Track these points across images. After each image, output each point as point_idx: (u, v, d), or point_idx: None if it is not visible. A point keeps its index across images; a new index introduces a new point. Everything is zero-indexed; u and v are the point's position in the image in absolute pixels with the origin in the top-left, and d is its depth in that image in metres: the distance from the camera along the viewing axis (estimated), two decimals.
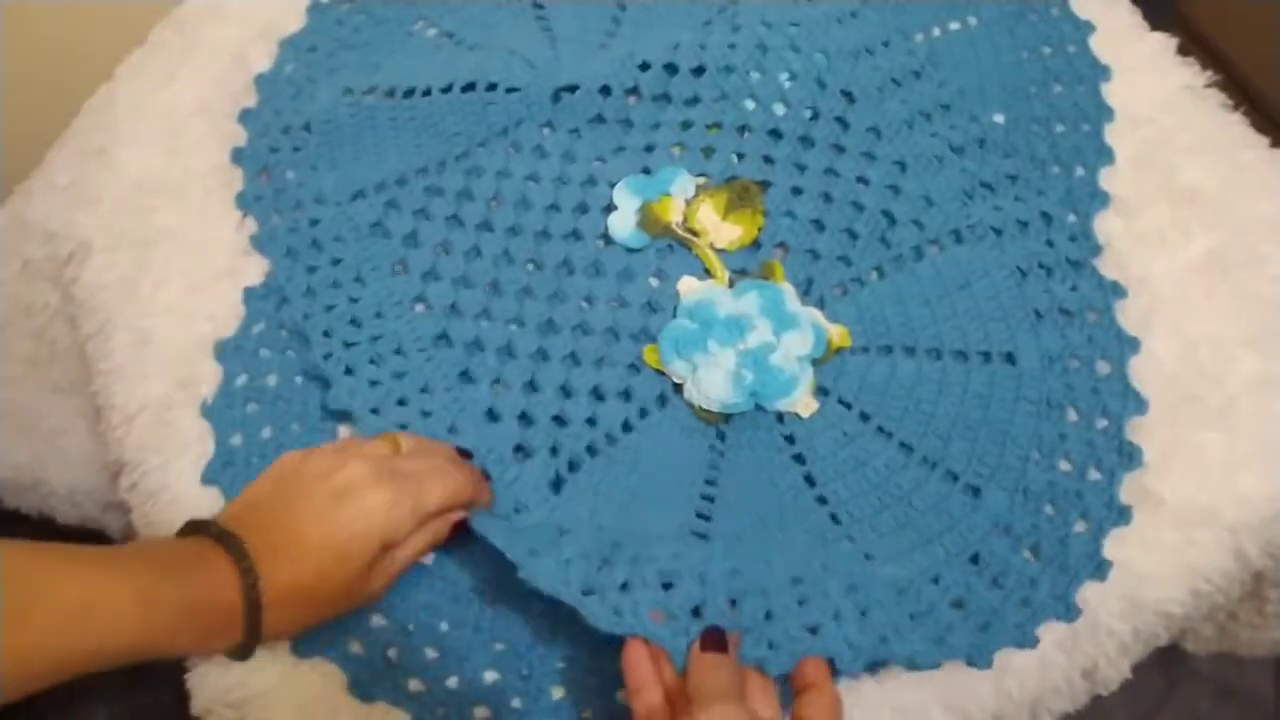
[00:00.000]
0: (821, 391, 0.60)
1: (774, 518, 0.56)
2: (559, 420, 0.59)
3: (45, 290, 0.72)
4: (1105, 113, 0.70)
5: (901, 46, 0.72)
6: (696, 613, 0.49)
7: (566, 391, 0.60)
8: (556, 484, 0.57)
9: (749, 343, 0.60)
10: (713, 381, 0.59)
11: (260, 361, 0.63)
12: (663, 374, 0.61)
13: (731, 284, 0.64)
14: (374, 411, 0.59)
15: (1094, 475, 0.56)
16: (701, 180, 0.67)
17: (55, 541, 0.41)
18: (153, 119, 0.74)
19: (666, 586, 0.49)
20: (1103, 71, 0.72)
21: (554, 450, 0.58)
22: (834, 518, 0.56)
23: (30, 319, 0.73)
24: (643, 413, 0.60)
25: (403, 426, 0.58)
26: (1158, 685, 0.97)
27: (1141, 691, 0.60)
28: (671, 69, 0.71)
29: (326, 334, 0.63)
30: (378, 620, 0.54)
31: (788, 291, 0.62)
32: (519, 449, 0.59)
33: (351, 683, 0.53)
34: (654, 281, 0.64)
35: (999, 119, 0.70)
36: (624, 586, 0.49)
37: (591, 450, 0.59)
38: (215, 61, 0.78)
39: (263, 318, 0.65)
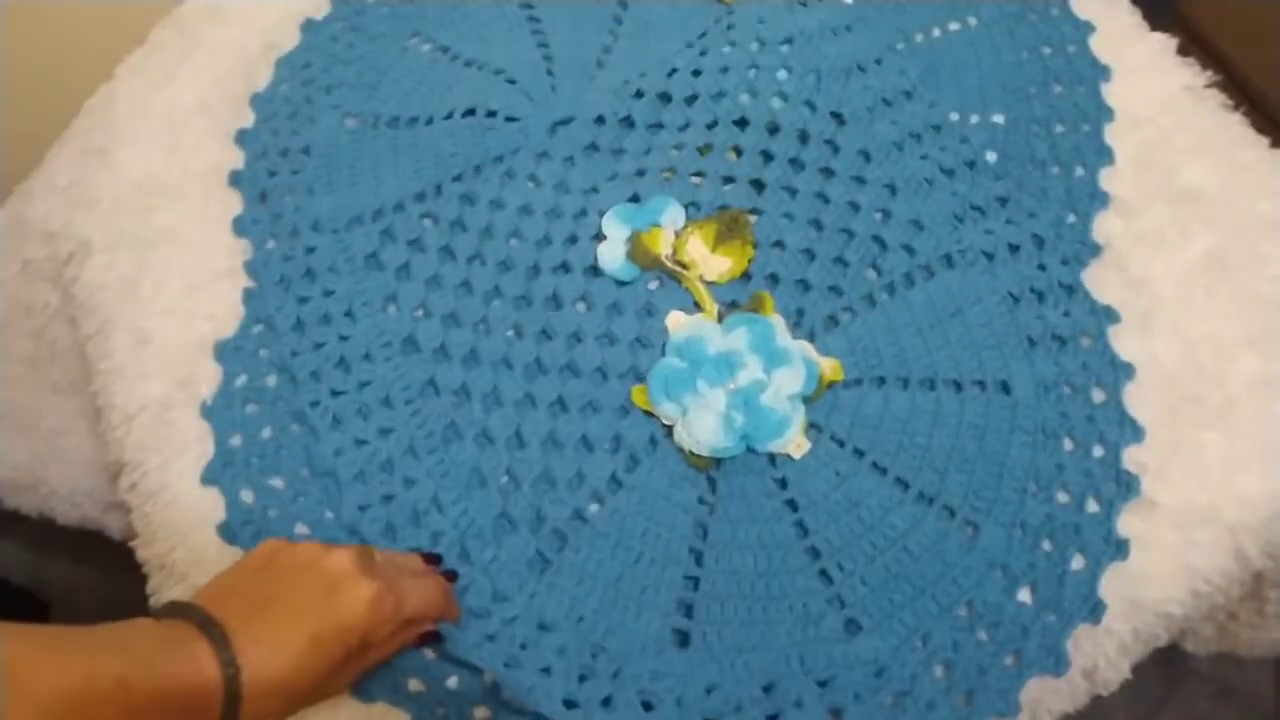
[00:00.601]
0: (814, 428, 0.58)
1: (761, 588, 0.54)
2: (546, 480, 0.58)
3: (45, 290, 0.72)
4: (1105, 113, 0.70)
5: (894, 65, 0.72)
6: None
7: (554, 442, 0.59)
8: (539, 565, 0.56)
9: (739, 382, 0.59)
10: (703, 425, 0.57)
11: (260, 362, 0.63)
12: (652, 415, 0.59)
13: (721, 318, 0.62)
14: (359, 478, 0.58)
15: (1092, 507, 0.56)
16: (691, 209, 0.66)
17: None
18: (153, 119, 0.74)
19: (647, 707, 0.51)
20: (1103, 72, 0.72)
21: (538, 518, 0.57)
22: (825, 574, 0.54)
23: (30, 319, 0.73)
24: (632, 462, 0.58)
25: (388, 497, 0.58)
26: (1158, 686, 0.97)
27: (1141, 692, 0.60)
28: (665, 97, 0.71)
29: (314, 375, 0.62)
30: None
31: (778, 325, 0.61)
32: (502, 517, 0.57)
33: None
34: (643, 317, 0.63)
35: (999, 119, 0.70)
36: (606, 702, 0.51)
37: (578, 517, 0.57)
38: (215, 61, 0.78)
39: (262, 318, 0.65)
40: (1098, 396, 0.59)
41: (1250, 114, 0.71)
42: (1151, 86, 0.71)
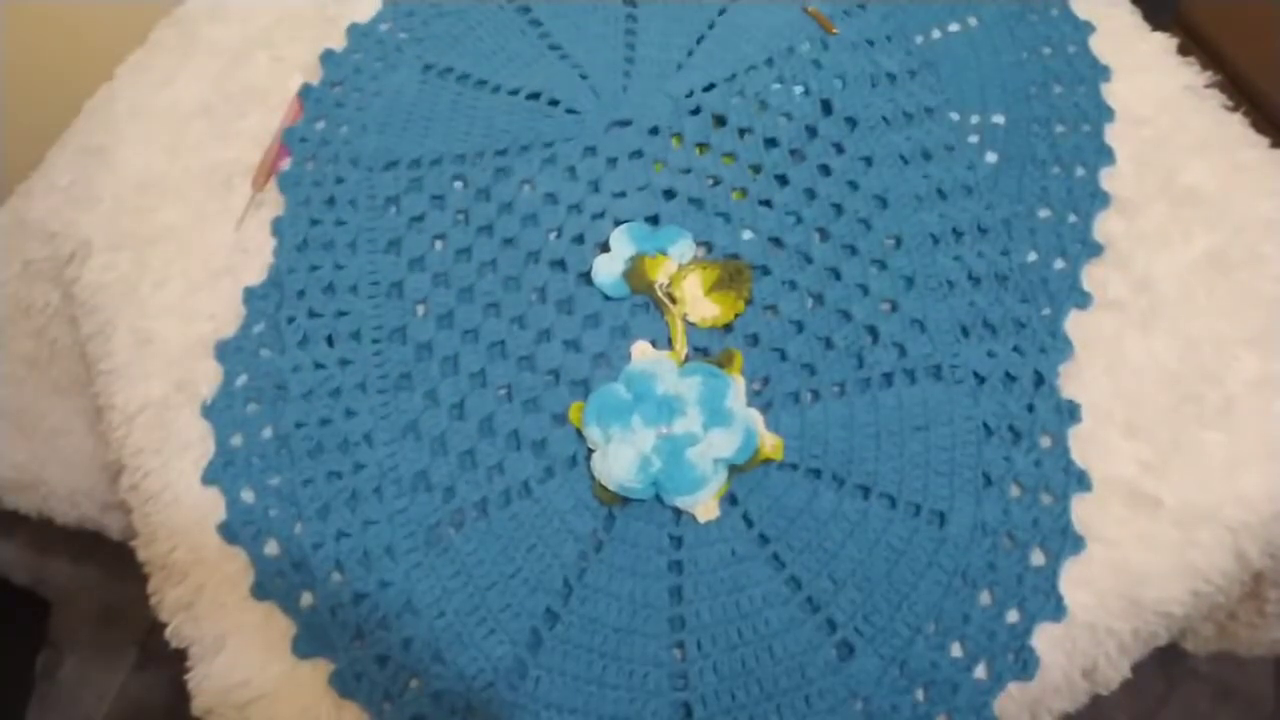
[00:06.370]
0: (730, 500, 0.56)
1: (611, 644, 0.53)
2: (470, 459, 0.58)
3: (46, 290, 0.72)
4: (1105, 113, 0.70)
5: (963, 159, 0.68)
6: None
7: (489, 426, 0.59)
8: (434, 538, 0.56)
9: (673, 429, 0.57)
10: (619, 459, 0.56)
11: (261, 362, 0.63)
12: (583, 434, 0.58)
13: (686, 360, 0.61)
14: (305, 396, 0.61)
15: (980, 673, 0.52)
16: (702, 251, 0.65)
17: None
18: (153, 119, 0.75)
19: None
20: (1103, 72, 0.72)
21: (450, 491, 0.57)
22: (680, 646, 0.53)
23: (30, 319, 0.73)
24: (547, 474, 0.58)
25: (325, 421, 0.60)
26: (1157, 685, 0.97)
27: (1141, 691, 0.59)
28: (721, 120, 0.70)
29: (300, 294, 0.65)
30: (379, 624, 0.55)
31: (735, 386, 0.59)
32: (421, 475, 0.58)
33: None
34: (615, 335, 0.62)
35: (999, 120, 0.70)
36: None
37: (482, 508, 0.57)
38: (215, 61, 0.78)
39: (263, 318, 0.65)
40: (1036, 559, 0.55)
41: (1250, 114, 0.71)
42: (1152, 86, 0.72)
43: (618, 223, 0.66)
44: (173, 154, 0.73)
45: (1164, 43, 0.74)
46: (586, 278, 0.64)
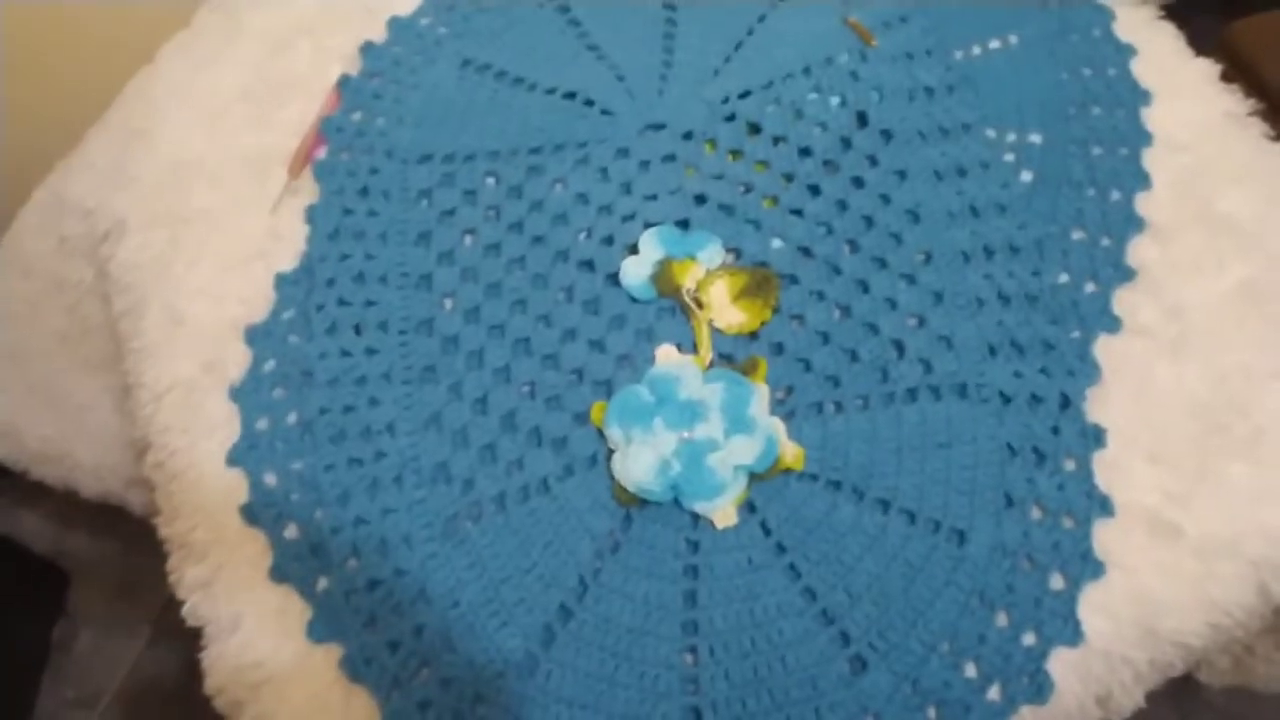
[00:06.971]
0: (748, 507, 0.56)
1: (624, 645, 0.53)
2: (490, 452, 0.59)
3: (80, 267, 0.73)
4: (1143, 137, 0.69)
5: (998, 177, 0.68)
6: None
7: (511, 422, 0.59)
8: (452, 529, 0.56)
9: (694, 434, 0.57)
10: (639, 461, 0.56)
11: (289, 347, 0.64)
12: (603, 435, 0.58)
13: (711, 367, 0.61)
14: (331, 384, 0.61)
15: (993, 695, 0.51)
16: (731, 258, 0.65)
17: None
18: (194, 101, 0.75)
19: None
20: (1143, 96, 0.71)
21: (469, 484, 0.58)
22: (693, 651, 0.53)
23: (64, 295, 0.74)
24: (568, 471, 0.57)
25: (349, 408, 0.60)
26: (1169, 715, 0.96)
27: (1153, 719, 0.59)
28: (755, 128, 0.70)
29: (330, 282, 0.65)
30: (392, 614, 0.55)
31: (759, 394, 0.59)
32: (442, 466, 0.58)
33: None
34: (640, 338, 0.62)
35: (1036, 139, 0.69)
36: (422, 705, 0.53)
37: (500, 502, 0.57)
38: (257, 46, 0.78)
39: (293, 304, 0.65)
40: (1055, 583, 0.54)
41: None
42: (1192, 112, 0.71)
43: (647, 225, 0.66)
44: (211, 137, 0.73)
45: (1206, 69, 0.74)
46: (614, 279, 0.64)
